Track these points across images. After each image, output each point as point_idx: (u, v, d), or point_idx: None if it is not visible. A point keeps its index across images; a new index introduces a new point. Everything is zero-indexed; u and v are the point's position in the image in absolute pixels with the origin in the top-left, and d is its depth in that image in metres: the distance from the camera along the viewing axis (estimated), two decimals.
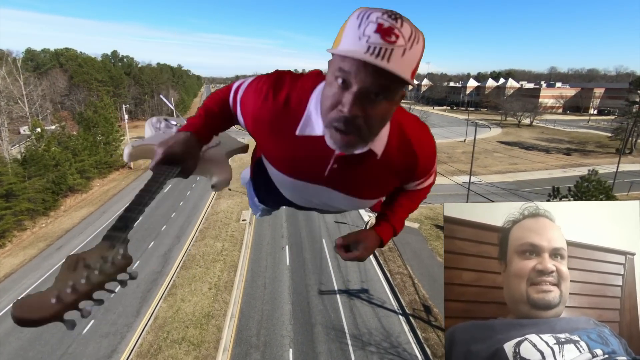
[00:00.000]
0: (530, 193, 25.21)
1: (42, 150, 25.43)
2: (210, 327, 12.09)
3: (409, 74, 0.65)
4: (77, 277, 0.51)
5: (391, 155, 0.85)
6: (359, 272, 15.22)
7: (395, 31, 0.62)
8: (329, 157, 0.84)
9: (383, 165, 0.86)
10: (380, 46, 0.61)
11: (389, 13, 0.63)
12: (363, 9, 0.65)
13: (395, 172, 0.90)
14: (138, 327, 12.11)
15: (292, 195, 1.09)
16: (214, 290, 14.21)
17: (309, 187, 0.94)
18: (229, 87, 1.01)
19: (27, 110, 35.06)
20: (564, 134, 51.11)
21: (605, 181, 15.14)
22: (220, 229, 19.98)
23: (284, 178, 0.96)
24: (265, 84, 0.87)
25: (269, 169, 1.01)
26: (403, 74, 0.63)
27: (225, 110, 0.99)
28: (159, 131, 1.29)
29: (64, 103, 53.57)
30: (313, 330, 11.89)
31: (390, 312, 12.60)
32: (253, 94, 0.88)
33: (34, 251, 18.50)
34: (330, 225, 19.96)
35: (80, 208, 25.14)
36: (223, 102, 0.99)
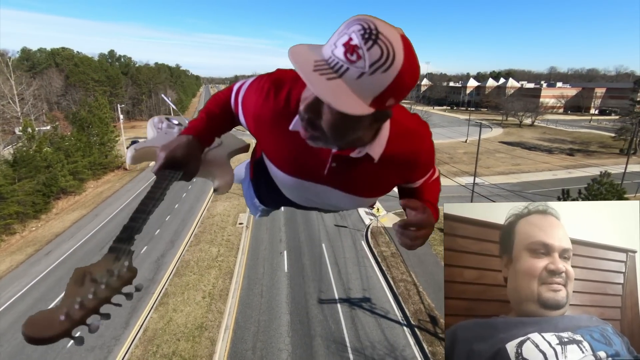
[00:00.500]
0: (536, 195, 24.53)
1: (34, 151, 24.68)
2: (203, 340, 11.37)
3: (363, 99, 0.61)
4: (85, 292, 0.51)
5: (390, 157, 0.84)
6: (361, 279, 14.52)
7: (359, 51, 0.58)
8: (327, 156, 0.84)
9: (382, 167, 0.85)
10: (337, 62, 0.60)
11: (366, 31, 0.58)
12: (355, 19, 0.61)
13: (395, 172, 0.90)
14: (126, 340, 11.38)
15: (293, 194, 1.09)
16: (208, 299, 13.49)
17: (310, 185, 0.94)
18: (229, 88, 1.01)
19: (18, 110, 34.23)
20: (566, 134, 50.63)
21: (618, 183, 14.48)
22: (216, 233, 19.26)
23: (285, 177, 0.96)
24: (266, 82, 0.86)
25: (270, 169, 1.01)
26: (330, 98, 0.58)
27: (227, 111, 0.99)
28: (161, 131, 1.25)
29: (60, 103, 52.80)
30: (312, 343, 11.18)
31: (394, 323, 11.90)
32: (254, 93, 0.88)
33: (21, 257, 17.75)
34: (330, 228, 19.26)
35: (73, 211, 24.40)
36: (224, 104, 0.99)
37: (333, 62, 0.60)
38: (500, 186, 26.51)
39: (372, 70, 0.58)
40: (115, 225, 20.63)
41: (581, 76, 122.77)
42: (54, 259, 17.13)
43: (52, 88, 52.92)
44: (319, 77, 0.59)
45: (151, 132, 1.25)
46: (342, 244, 17.62)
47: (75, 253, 17.65)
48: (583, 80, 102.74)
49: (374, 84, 0.59)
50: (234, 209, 22.56)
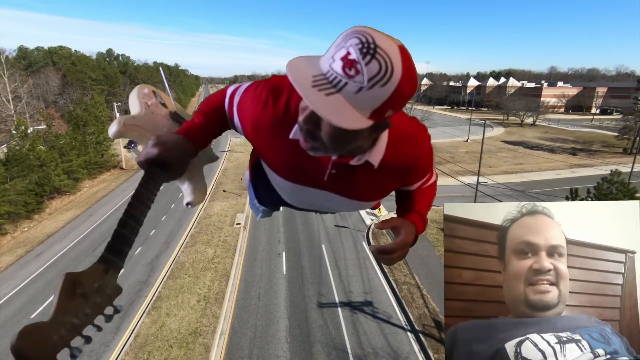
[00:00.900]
0: (541, 194, 24.01)
1: (27, 149, 24.10)
2: (197, 347, 10.82)
3: (362, 112, 0.61)
4: (76, 310, 0.49)
5: (389, 163, 0.84)
6: (362, 282, 13.98)
7: (357, 66, 0.58)
8: (326, 163, 0.84)
9: (381, 172, 0.86)
10: (335, 76, 0.59)
11: (364, 45, 0.57)
12: (353, 31, 0.60)
13: (394, 176, 0.90)
14: (116, 346, 10.83)
15: (292, 198, 1.09)
16: (203, 302, 12.94)
17: (309, 191, 0.94)
18: (223, 92, 1.00)
19: (11, 108, 33.63)
20: (568, 133, 50.21)
21: (629, 183, 13.97)
22: (213, 234, 18.71)
23: (284, 183, 0.96)
24: (264, 90, 0.86)
25: (269, 174, 1.01)
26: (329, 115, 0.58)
27: (221, 115, 0.98)
28: (148, 109, 1.13)
29: (57, 102, 52.19)
30: (312, 349, 10.65)
31: (397, 329, 11.36)
32: (252, 101, 0.88)
33: (11, 258, 17.19)
34: (330, 229, 18.72)
35: (66, 211, 23.83)
36: (218, 107, 0.97)
37: (331, 77, 0.59)
38: (504, 186, 25.99)
39: (370, 84, 0.58)
40: (110, 225, 20.08)
41: (581, 76, 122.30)
42: (44, 261, 16.58)
43: (49, 87, 52.32)
44: (317, 93, 0.59)
45: (136, 104, 1.13)
46: (343, 245, 17.09)
47: (67, 255, 17.10)
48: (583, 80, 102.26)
49: (373, 97, 0.59)
50: (231, 209, 22.01)
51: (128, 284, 13.95)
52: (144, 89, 1.19)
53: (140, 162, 0.80)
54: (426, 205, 1.03)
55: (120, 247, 0.60)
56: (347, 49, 0.58)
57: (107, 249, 0.58)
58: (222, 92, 0.99)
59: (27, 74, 46.31)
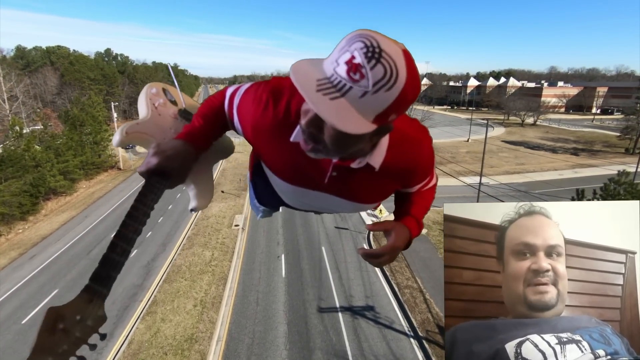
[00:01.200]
0: (543, 194, 23.66)
1: (22, 150, 23.70)
2: (193, 354, 10.45)
3: (365, 116, 0.60)
4: (55, 348, 0.50)
5: (390, 165, 0.84)
6: (363, 286, 13.62)
7: (362, 70, 0.57)
8: (327, 165, 0.84)
9: (382, 175, 0.85)
10: (340, 80, 0.58)
11: (369, 49, 0.57)
12: (357, 34, 0.59)
13: (395, 178, 0.90)
14: (109, 353, 10.46)
15: (292, 200, 1.09)
16: (200, 307, 12.57)
17: (310, 193, 0.94)
18: (222, 93, 0.99)
19: (7, 107, 33.23)
20: (569, 133, 49.89)
21: (637, 183, 13.62)
22: (211, 236, 18.33)
23: (284, 184, 0.95)
24: (264, 92, 0.85)
25: (269, 176, 1.01)
26: (334, 120, 0.57)
27: (220, 117, 0.97)
28: (155, 111, 1.12)
29: (55, 102, 51.80)
30: (312, 356, 10.28)
31: (400, 335, 10.99)
32: (252, 103, 0.87)
33: (4, 261, 16.80)
34: (330, 231, 18.35)
35: (62, 212, 23.45)
36: (218, 109, 0.97)
37: (336, 81, 0.59)
38: (506, 186, 25.65)
39: (375, 89, 0.58)
40: (105, 227, 19.72)
41: (581, 76, 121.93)
42: (38, 264, 16.19)
43: (47, 87, 51.95)
44: (322, 98, 0.58)
45: (144, 106, 1.12)
46: (343, 247, 16.72)
47: (61, 257, 16.71)
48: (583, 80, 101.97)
49: (377, 102, 0.59)
50: (229, 210, 21.64)
51: (123, 287, 13.58)
52: (152, 89, 1.18)
53: (141, 173, 0.81)
54: (423, 208, 1.03)
55: (107, 273, 0.59)
56: (352, 53, 0.57)
57: (92, 277, 0.57)
58: (221, 94, 0.98)
59: (25, 73, 45.91)
